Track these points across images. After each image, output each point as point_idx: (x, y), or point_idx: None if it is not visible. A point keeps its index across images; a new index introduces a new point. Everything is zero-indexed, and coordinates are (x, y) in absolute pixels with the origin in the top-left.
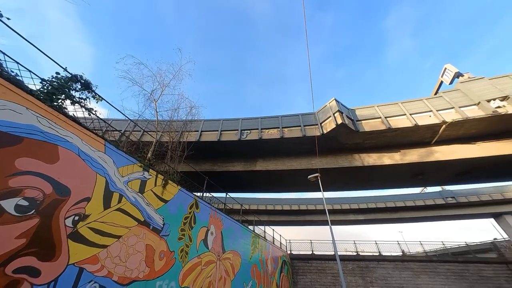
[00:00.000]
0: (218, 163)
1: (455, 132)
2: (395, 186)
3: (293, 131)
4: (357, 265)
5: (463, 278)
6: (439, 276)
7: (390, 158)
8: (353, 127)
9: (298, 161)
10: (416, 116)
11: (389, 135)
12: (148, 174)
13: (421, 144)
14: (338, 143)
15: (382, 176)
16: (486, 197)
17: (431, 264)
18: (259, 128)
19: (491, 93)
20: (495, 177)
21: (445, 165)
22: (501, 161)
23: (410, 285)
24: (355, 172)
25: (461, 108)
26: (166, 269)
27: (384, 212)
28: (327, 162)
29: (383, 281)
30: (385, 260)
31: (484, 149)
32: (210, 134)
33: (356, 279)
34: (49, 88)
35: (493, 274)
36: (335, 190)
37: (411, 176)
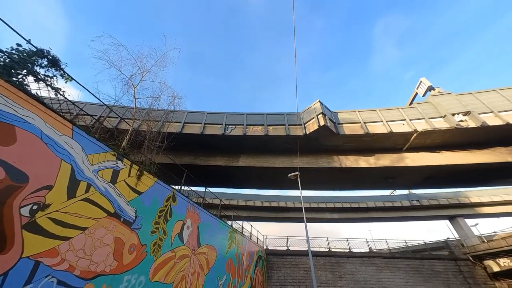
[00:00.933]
0: (200, 157)
1: (424, 141)
2: (368, 188)
3: (277, 129)
4: (328, 261)
5: (419, 272)
6: (399, 271)
7: (365, 161)
8: (334, 130)
9: (280, 159)
10: (391, 123)
11: (366, 139)
12: (122, 164)
13: (393, 150)
14: (319, 144)
15: (357, 178)
16: (444, 201)
17: (393, 260)
18: (244, 124)
19: (456, 108)
20: (454, 184)
21: (412, 171)
22: (460, 170)
23: (373, 279)
24: (333, 173)
25: (430, 119)
26: (136, 263)
27: (356, 212)
28: (308, 161)
29: (351, 275)
30: (353, 256)
31: (447, 157)
32: (193, 126)
33: (326, 273)
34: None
35: (443, 269)
36: (313, 189)
37: (383, 179)
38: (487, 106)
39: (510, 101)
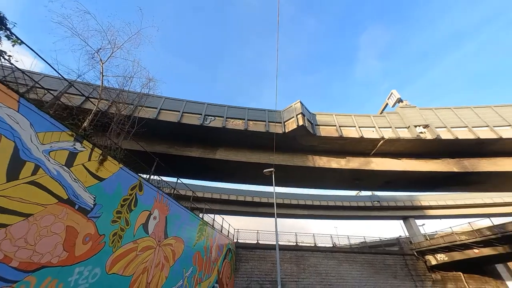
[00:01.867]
0: (175, 146)
1: (389, 148)
2: (337, 187)
3: (257, 125)
4: (294, 254)
5: (372, 265)
6: (357, 264)
7: (337, 163)
8: (312, 131)
9: (258, 155)
10: (363, 129)
11: (340, 142)
12: (81, 146)
13: (362, 154)
14: (297, 143)
15: (328, 177)
16: (400, 203)
17: (352, 254)
18: (224, 117)
19: (418, 121)
20: (409, 188)
21: (376, 174)
22: (415, 176)
23: (333, 272)
24: (307, 172)
25: (396, 128)
26: (90, 254)
27: (325, 210)
28: (284, 159)
29: (314, 268)
30: (318, 250)
31: (406, 164)
32: (170, 113)
33: (292, 266)
34: None
35: (393, 263)
36: (287, 186)
37: (351, 180)
38: (442, 122)
39: (460, 119)
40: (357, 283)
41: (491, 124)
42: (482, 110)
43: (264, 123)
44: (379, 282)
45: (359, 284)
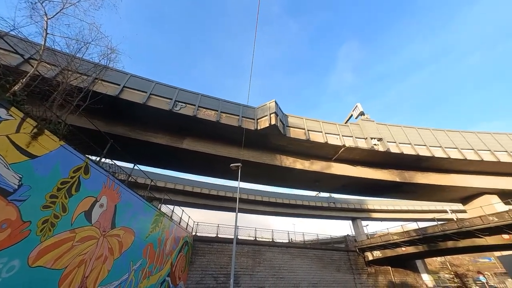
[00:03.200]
0: (137, 130)
1: (347, 155)
2: (300, 187)
3: (230, 118)
4: (252, 249)
5: (321, 260)
6: (308, 258)
7: (301, 164)
8: (282, 131)
9: (228, 149)
10: (328, 135)
11: (306, 145)
12: (7, 113)
13: (325, 158)
14: (267, 141)
15: (292, 177)
16: (352, 205)
17: (305, 250)
18: (196, 105)
19: (374, 133)
20: (361, 192)
21: (335, 178)
22: (366, 182)
23: (286, 265)
24: (274, 170)
25: (356, 138)
26: (7, 243)
27: (286, 207)
28: (253, 156)
29: (269, 262)
30: (274, 245)
31: (360, 171)
32: (135, 93)
33: (248, 260)
34: None
35: (338, 258)
36: (253, 182)
37: (313, 181)
38: (392, 137)
39: (406, 137)
40: (306, 275)
41: (428, 144)
42: (423, 131)
43: (238, 118)
44: (325, 275)
45: (308, 276)
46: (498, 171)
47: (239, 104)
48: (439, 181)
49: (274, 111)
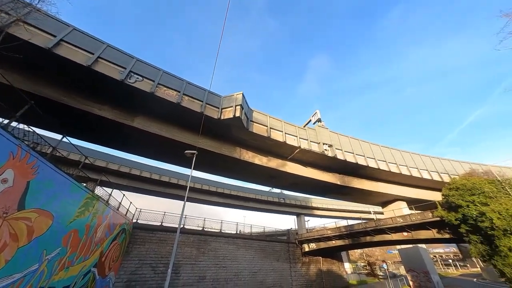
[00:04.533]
0: (78, 97)
1: (302, 156)
2: (255, 181)
3: (193, 103)
4: (198, 239)
5: (264, 251)
6: (252, 249)
7: (260, 160)
8: (245, 125)
9: (185, 135)
10: (288, 136)
11: (267, 141)
12: None
13: (281, 156)
14: (228, 133)
15: (250, 171)
16: (299, 202)
17: (250, 241)
18: (156, 82)
19: (326, 140)
20: (308, 191)
21: (288, 176)
22: (314, 183)
23: (231, 255)
24: (232, 163)
25: (311, 142)
26: None
27: (239, 200)
28: (212, 145)
29: (213, 252)
30: (221, 236)
31: (310, 172)
32: (78, 51)
33: (192, 250)
34: None
35: (279, 249)
36: (209, 172)
37: (268, 177)
38: (340, 145)
39: (351, 146)
40: (247, 264)
41: (365, 155)
42: (364, 143)
43: (201, 103)
44: (265, 264)
45: (249, 265)
46: (410, 183)
47: (204, 89)
48: (370, 187)
49: (240, 104)
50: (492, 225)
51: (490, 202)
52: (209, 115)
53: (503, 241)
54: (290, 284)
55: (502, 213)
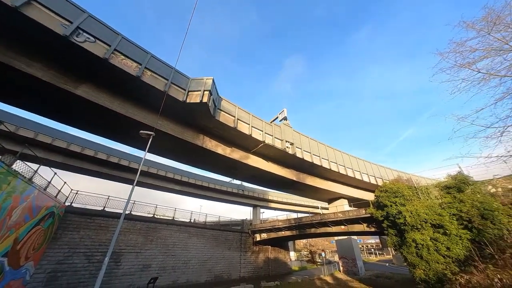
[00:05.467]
0: None
1: (264, 151)
2: (216, 171)
3: (157, 80)
4: (146, 226)
5: (217, 240)
6: (204, 238)
7: (223, 150)
8: (212, 112)
9: (143, 114)
10: (254, 129)
11: (232, 132)
12: None
13: (245, 149)
14: (193, 117)
15: (212, 161)
16: (256, 194)
17: (204, 230)
18: (113, 47)
19: (289, 138)
20: (267, 184)
21: (249, 168)
22: (272, 177)
23: (181, 244)
24: (193, 150)
25: (275, 138)
26: None
27: (197, 188)
28: (173, 129)
29: (163, 240)
30: (173, 224)
31: (270, 167)
32: None
33: (138, 237)
34: None
35: (232, 238)
36: (169, 158)
37: (230, 168)
38: (301, 144)
39: (310, 146)
40: (198, 253)
41: (321, 156)
42: (321, 145)
43: (166, 82)
44: (216, 252)
45: (200, 254)
46: (353, 184)
47: (171, 66)
48: (321, 185)
49: (209, 89)
50: (405, 221)
51: (406, 203)
52: (173, 96)
53: (409, 234)
54: (239, 271)
55: (413, 212)
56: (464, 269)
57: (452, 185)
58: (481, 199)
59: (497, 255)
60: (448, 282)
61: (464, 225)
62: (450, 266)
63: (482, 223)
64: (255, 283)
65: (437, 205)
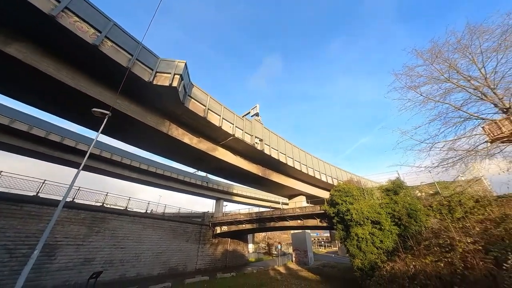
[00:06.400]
0: None
1: (233, 144)
2: (181, 161)
3: (118, 52)
4: (92, 216)
5: (174, 232)
6: (161, 230)
7: (190, 139)
8: (181, 98)
9: (99, 90)
10: (225, 121)
11: (202, 122)
12: None
13: (214, 140)
14: (159, 102)
15: (177, 150)
16: (221, 187)
17: (161, 221)
18: (64, 3)
19: (259, 134)
20: (233, 178)
21: (216, 161)
22: (240, 171)
23: (134, 235)
24: (157, 136)
25: (245, 133)
26: None
27: (159, 178)
28: (135, 111)
29: (111, 231)
30: (126, 214)
31: (238, 161)
32: None
33: (81, 228)
34: None
35: (191, 230)
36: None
37: (196, 159)
38: (269, 141)
39: (278, 144)
40: (153, 245)
41: (287, 154)
42: (287, 144)
43: (130, 57)
44: (173, 245)
45: (154, 246)
46: (313, 182)
47: (138, 41)
48: (284, 181)
49: (181, 73)
50: (351, 218)
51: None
52: (138, 74)
53: (353, 229)
54: (195, 264)
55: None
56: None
57: (391, 189)
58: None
59: (415, 247)
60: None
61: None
62: (381, 256)
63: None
64: (211, 275)
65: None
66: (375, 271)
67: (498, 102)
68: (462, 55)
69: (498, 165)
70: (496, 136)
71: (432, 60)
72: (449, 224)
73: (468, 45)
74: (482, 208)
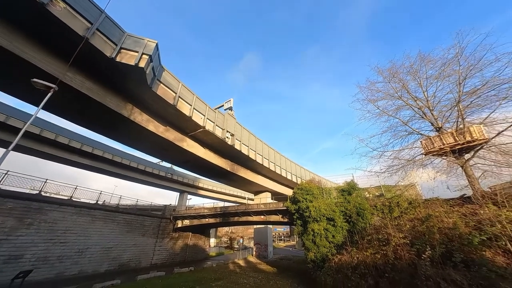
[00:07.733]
0: None
1: (203, 136)
2: (143, 150)
3: (75, 19)
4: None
5: (129, 225)
6: (114, 223)
7: (155, 127)
8: (149, 82)
9: (50, 60)
10: (195, 112)
11: (170, 110)
12: None
13: (182, 130)
14: (122, 82)
15: (140, 137)
16: (186, 180)
17: (114, 214)
18: None
19: (231, 128)
20: (200, 171)
21: (184, 152)
22: (208, 165)
23: (79, 228)
24: (117, 120)
25: (216, 126)
26: None
27: (116, 166)
28: (92, 89)
29: (49, 224)
30: (70, 205)
31: (206, 154)
32: None
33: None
34: None
35: (149, 224)
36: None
37: (161, 149)
38: (241, 137)
39: (249, 141)
40: (102, 239)
41: (257, 151)
42: (258, 141)
43: (89, 26)
44: (126, 239)
45: (103, 241)
46: (278, 180)
47: (101, 10)
48: (252, 178)
49: (150, 54)
50: (310, 214)
51: (314, 200)
52: (97, 47)
53: (310, 225)
54: (151, 259)
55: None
56: (339, 251)
57: (346, 189)
58: (359, 201)
59: (359, 241)
60: (328, 261)
61: (346, 219)
62: (332, 249)
63: (357, 218)
64: (168, 270)
65: (333, 204)
66: (326, 262)
67: (434, 122)
68: (413, 77)
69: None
70: (429, 150)
71: (389, 79)
72: (388, 222)
73: (418, 70)
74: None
